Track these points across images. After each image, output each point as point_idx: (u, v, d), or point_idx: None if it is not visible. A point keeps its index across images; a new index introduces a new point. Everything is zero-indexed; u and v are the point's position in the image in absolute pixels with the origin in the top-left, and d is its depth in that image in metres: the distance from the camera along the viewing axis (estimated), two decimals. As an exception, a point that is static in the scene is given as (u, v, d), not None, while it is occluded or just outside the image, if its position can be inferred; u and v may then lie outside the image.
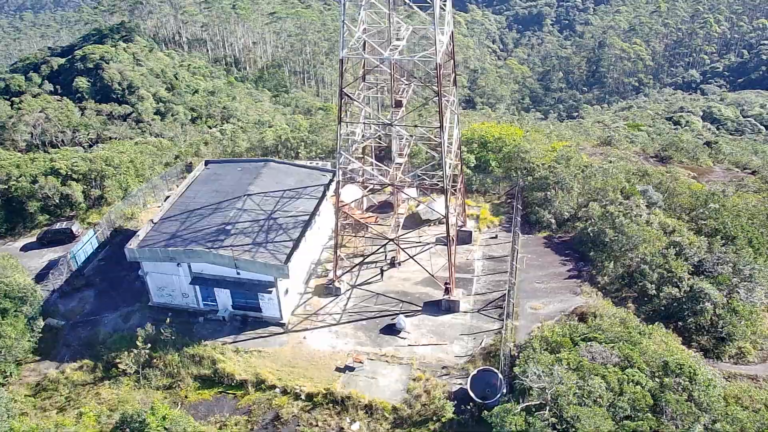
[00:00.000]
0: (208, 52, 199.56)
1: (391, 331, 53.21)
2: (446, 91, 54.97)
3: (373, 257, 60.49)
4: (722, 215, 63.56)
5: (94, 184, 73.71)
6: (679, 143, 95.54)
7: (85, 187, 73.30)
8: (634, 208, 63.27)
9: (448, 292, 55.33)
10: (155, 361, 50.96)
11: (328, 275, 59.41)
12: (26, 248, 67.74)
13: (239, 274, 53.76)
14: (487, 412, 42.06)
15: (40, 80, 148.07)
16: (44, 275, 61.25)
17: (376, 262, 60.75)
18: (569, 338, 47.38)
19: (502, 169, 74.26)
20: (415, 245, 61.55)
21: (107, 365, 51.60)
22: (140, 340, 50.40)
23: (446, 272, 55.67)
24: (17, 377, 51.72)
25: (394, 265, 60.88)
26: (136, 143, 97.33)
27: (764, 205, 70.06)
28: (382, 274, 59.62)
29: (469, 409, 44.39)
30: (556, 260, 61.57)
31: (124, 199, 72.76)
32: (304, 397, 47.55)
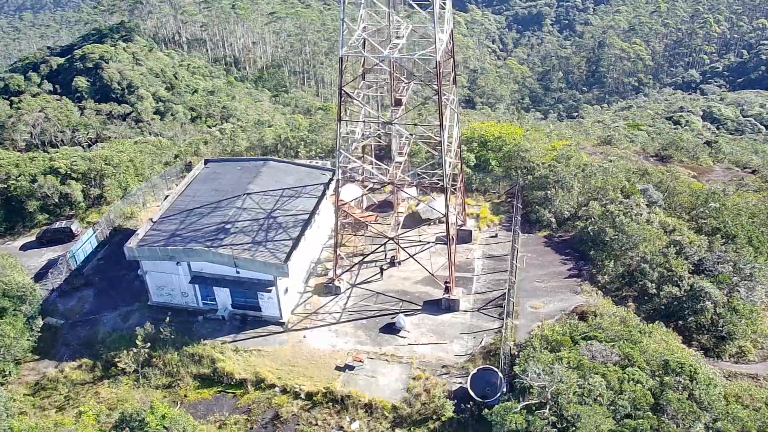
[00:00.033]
0: (207, 51, 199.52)
1: (391, 330, 53.13)
2: (446, 89, 54.88)
3: (372, 256, 60.43)
4: (722, 214, 63.49)
5: (93, 183, 73.57)
6: (679, 142, 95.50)
7: (84, 186, 73.14)
8: (634, 207, 63.18)
9: (448, 291, 55.25)
10: (154, 360, 50.86)
11: (327, 274, 59.31)
12: (25, 247, 67.61)
13: (239, 273, 53.65)
14: (487, 410, 41.93)
15: (39, 80, 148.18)
16: (43, 274, 61.11)
17: (375, 261, 60.70)
18: (569, 337, 47.29)
19: (502, 168, 74.17)
20: (415, 244, 61.46)
21: (106, 364, 51.49)
22: (139, 339, 50.24)
23: (446, 271, 55.57)
24: (16, 376, 51.58)
25: (393, 264, 60.77)
26: (135, 142, 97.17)
27: (764, 204, 70.02)
28: (381, 273, 59.51)
29: (469, 408, 44.28)
30: (556, 259, 61.49)
31: (123, 198, 72.62)
32: (303, 396, 47.47)
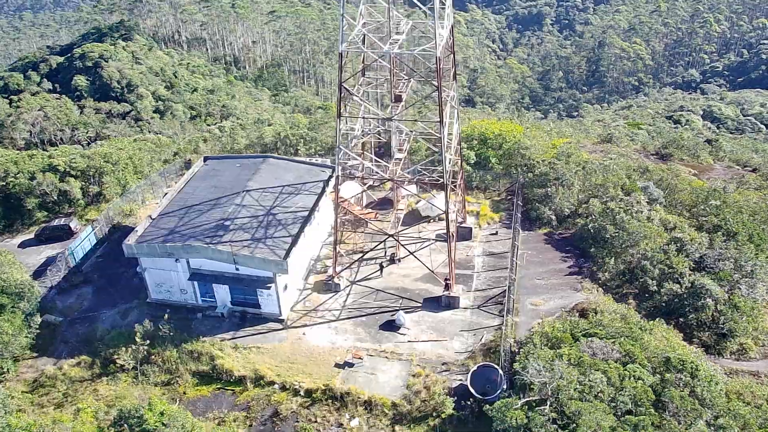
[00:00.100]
0: (207, 51, 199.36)
1: (390, 327, 52.94)
2: (446, 85, 54.66)
3: (372, 253, 60.23)
4: (723, 211, 63.31)
5: (92, 180, 73.37)
6: (679, 141, 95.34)
7: (83, 183, 72.94)
8: (634, 204, 63.00)
9: (448, 288, 55.07)
10: (153, 357, 50.68)
11: (327, 271, 59.14)
12: (24, 245, 67.43)
13: (238, 269, 53.45)
14: (488, 406, 41.74)
15: (38, 78, 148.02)
16: (42, 272, 60.88)
17: (375, 258, 60.50)
18: (570, 334, 47.09)
19: (502, 165, 73.95)
20: (414, 241, 61.26)
21: (105, 361, 51.35)
22: (138, 336, 50.16)
23: (446, 268, 55.38)
24: (14, 374, 51.40)
25: (393, 261, 60.58)
26: (134, 140, 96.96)
27: (765, 202, 69.85)
28: (381, 270, 59.33)
29: (469, 405, 44.13)
30: (556, 257, 61.29)
31: (122, 195, 72.42)
32: (303, 393, 47.28)
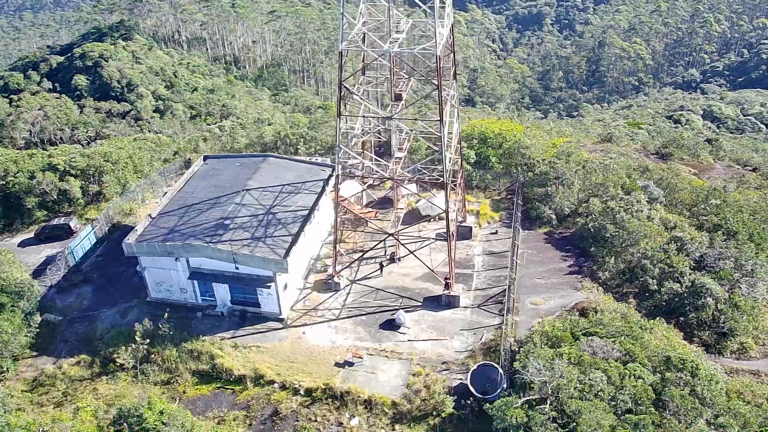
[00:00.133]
0: (207, 50, 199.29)
1: (390, 326, 52.89)
2: (446, 84, 54.61)
3: (372, 252, 60.18)
4: (723, 211, 63.25)
5: (92, 180, 73.32)
6: (680, 140, 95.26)
7: (83, 183, 72.92)
8: (634, 203, 62.94)
9: (448, 287, 55.02)
10: (153, 356, 50.64)
11: (327, 270, 59.09)
12: (24, 244, 67.39)
13: (238, 268, 53.40)
14: (488, 405, 41.69)
15: (38, 78, 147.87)
16: (42, 271, 60.85)
17: (375, 257, 60.45)
18: (570, 333, 47.05)
19: (502, 165, 73.90)
20: (414, 240, 61.22)
21: (105, 360, 51.31)
22: (138, 335, 50.11)
23: (446, 267, 55.32)
24: (14, 373, 51.36)
25: (393, 260, 60.53)
26: (134, 140, 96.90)
27: (765, 201, 69.77)
28: (381, 269, 59.28)
29: (469, 404, 44.07)
30: (556, 256, 61.23)
31: (122, 195, 72.39)
32: (303, 392, 47.22)
